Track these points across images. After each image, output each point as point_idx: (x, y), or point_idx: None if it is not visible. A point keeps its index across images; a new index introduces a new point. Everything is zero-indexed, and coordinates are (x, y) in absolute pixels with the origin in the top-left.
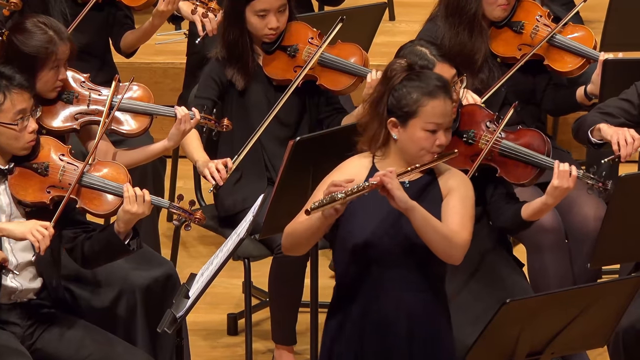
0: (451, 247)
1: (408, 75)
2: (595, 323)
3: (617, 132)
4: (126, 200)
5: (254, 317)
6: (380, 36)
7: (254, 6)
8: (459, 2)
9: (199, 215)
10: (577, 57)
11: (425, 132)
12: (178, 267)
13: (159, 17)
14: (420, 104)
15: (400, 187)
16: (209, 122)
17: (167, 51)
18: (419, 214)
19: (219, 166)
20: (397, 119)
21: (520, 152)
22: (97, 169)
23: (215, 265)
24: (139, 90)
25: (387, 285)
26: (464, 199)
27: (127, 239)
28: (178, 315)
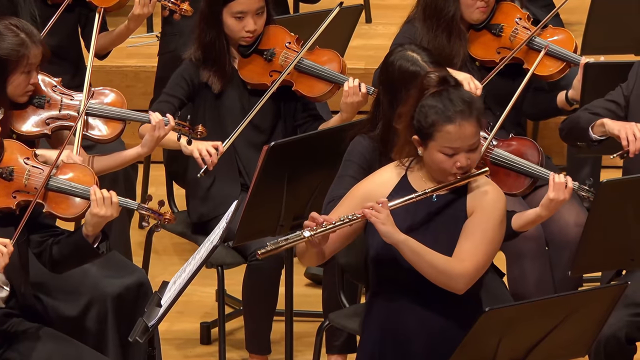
0: (448, 280)
1: (434, 92)
2: (577, 332)
3: (624, 126)
4: (93, 203)
5: (228, 326)
6: (356, 39)
7: (232, 8)
8: (436, 5)
9: (168, 216)
10: (558, 61)
11: (444, 155)
12: (150, 275)
13: (134, 21)
14: (435, 128)
15: (388, 220)
16: (183, 128)
17: (139, 54)
18: (407, 247)
19: (210, 149)
20: (419, 138)
21: (513, 162)
22: (63, 171)
23: (188, 273)
24: (112, 95)
25: (407, 301)
26: (485, 223)
27: (97, 242)
28: (150, 324)
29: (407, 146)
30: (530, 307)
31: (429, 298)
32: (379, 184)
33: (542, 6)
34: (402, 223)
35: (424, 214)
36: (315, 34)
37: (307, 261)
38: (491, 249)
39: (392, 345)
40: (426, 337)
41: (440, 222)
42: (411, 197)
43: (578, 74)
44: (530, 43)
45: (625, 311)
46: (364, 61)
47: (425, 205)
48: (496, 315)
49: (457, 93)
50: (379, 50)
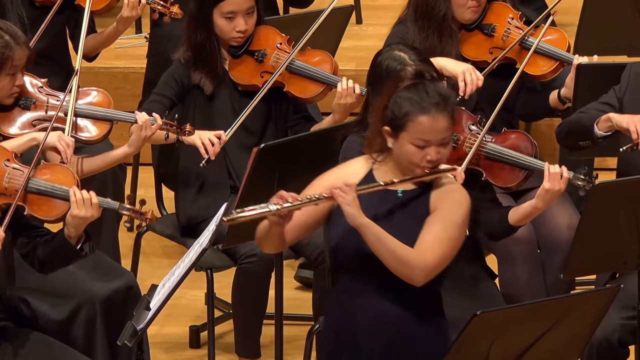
0: (408, 270)
1: (411, 84)
2: (569, 335)
3: (632, 119)
4: (73, 204)
5: (217, 329)
6: (347, 40)
7: (222, 8)
8: (427, 5)
9: (149, 215)
10: (551, 61)
11: (414, 147)
12: (139, 278)
13: (123, 23)
14: (408, 118)
15: (354, 203)
16: (170, 127)
17: (128, 55)
18: (370, 232)
19: (213, 139)
20: (390, 129)
21: (507, 155)
22: (43, 173)
23: (177, 276)
24: (99, 95)
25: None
26: (446, 221)
27: (80, 243)
28: (139, 327)
29: (378, 138)
30: (522, 311)
31: (387, 293)
32: (346, 175)
33: (535, 9)
34: (366, 213)
35: (388, 207)
36: (307, 35)
37: (266, 245)
38: (452, 247)
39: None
40: (381, 331)
41: (403, 216)
42: (379, 184)
43: (571, 72)
44: (522, 43)
45: (618, 314)
46: (354, 62)
47: (390, 199)
48: (487, 319)
49: (434, 86)
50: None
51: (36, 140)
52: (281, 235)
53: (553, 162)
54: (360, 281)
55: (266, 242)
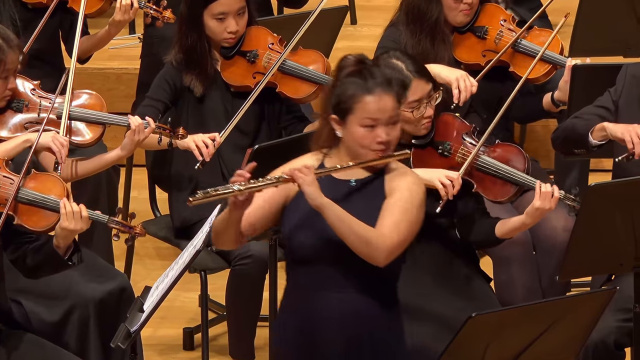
0: (370, 250)
1: (353, 70)
2: (565, 337)
3: (627, 129)
4: (63, 217)
5: (211, 331)
6: (341, 41)
7: (212, 9)
8: (419, 9)
9: (138, 230)
10: (544, 64)
11: (364, 129)
12: (132, 280)
13: (115, 27)
14: (354, 100)
15: (314, 183)
16: (164, 131)
17: (121, 56)
18: (331, 212)
19: (207, 140)
20: (337, 116)
21: (499, 169)
22: (34, 182)
23: (170, 277)
24: (91, 98)
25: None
26: (405, 202)
27: (68, 253)
28: (132, 329)
29: (325, 130)
30: (517, 313)
31: (342, 281)
32: None
33: (530, 9)
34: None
35: (344, 197)
36: (298, 34)
37: (223, 238)
38: (412, 228)
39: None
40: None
41: (359, 204)
42: (335, 167)
43: (564, 75)
44: (515, 45)
45: (614, 316)
46: None
47: (344, 189)
48: (483, 321)
49: (378, 69)
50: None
51: (30, 142)
52: (238, 225)
53: (548, 164)
54: (316, 273)
55: (223, 235)
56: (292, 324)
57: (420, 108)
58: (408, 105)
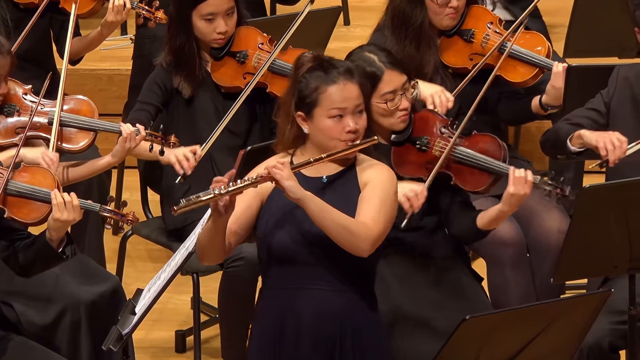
0: (354, 239)
1: (312, 66)
2: (559, 340)
3: (602, 136)
4: (55, 207)
5: (203, 334)
6: (334, 41)
7: (201, 10)
8: (404, 14)
9: (131, 217)
10: (530, 67)
11: (332, 120)
12: (124, 282)
13: (107, 28)
14: (319, 91)
15: (291, 177)
16: (155, 138)
17: (113, 57)
18: (313, 204)
19: (187, 154)
20: (302, 112)
21: (476, 159)
22: (24, 175)
23: (162, 280)
24: (82, 104)
25: (300, 287)
26: (381, 192)
27: (61, 246)
28: (124, 332)
29: (290, 131)
30: (511, 315)
31: (321, 279)
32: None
33: (523, 8)
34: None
35: (317, 194)
36: (286, 34)
37: (210, 253)
38: (390, 217)
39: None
40: (319, 318)
41: (334, 198)
42: (309, 160)
43: (552, 80)
44: (502, 49)
45: (608, 319)
46: None
47: (316, 186)
48: (476, 324)
49: (338, 63)
50: None
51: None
52: (223, 234)
53: (543, 166)
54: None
55: (210, 247)
56: (270, 324)
57: (395, 100)
58: (382, 97)
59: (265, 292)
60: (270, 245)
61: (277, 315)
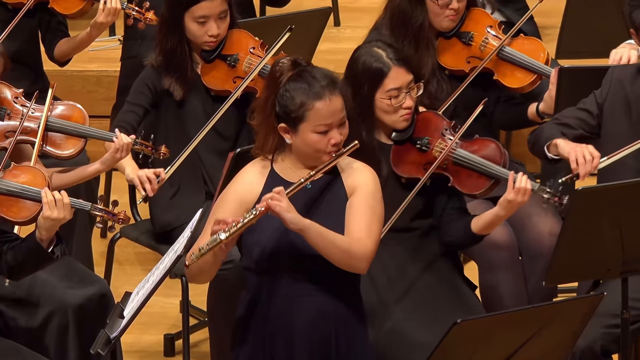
0: (353, 260)
1: (292, 75)
2: (551, 344)
3: (574, 149)
4: (45, 206)
5: (192, 337)
6: (324, 42)
7: (194, 12)
8: (404, 14)
9: (122, 216)
10: (529, 73)
11: (318, 134)
12: (112, 286)
13: (97, 29)
14: (305, 108)
15: (290, 208)
16: (145, 148)
17: (101, 59)
18: (313, 232)
19: (150, 176)
20: (286, 125)
21: (474, 162)
22: (14, 174)
23: (151, 283)
24: (74, 110)
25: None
26: (371, 199)
27: (51, 246)
28: (112, 335)
29: (271, 138)
30: (503, 319)
31: (306, 285)
32: (248, 184)
33: (516, 9)
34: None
35: (303, 203)
36: (278, 41)
37: (205, 277)
38: (381, 225)
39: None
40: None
41: (322, 207)
42: (300, 181)
43: (549, 88)
44: (500, 53)
45: (600, 322)
46: (332, 65)
47: (301, 194)
48: (468, 327)
49: (316, 70)
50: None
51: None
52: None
53: (535, 168)
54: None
55: (207, 274)
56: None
57: (399, 97)
58: (386, 92)
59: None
60: (256, 254)
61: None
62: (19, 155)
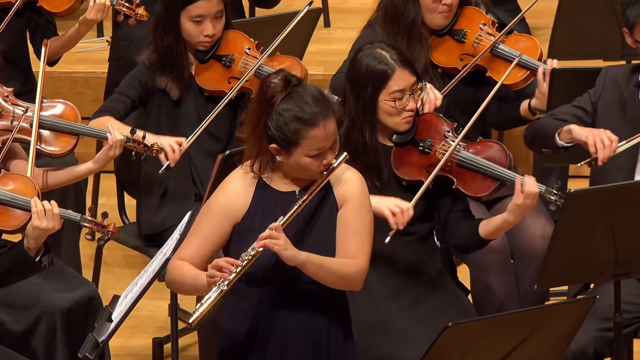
0: (349, 282)
1: (285, 97)
2: (543, 348)
3: (592, 133)
4: (34, 215)
5: (181, 341)
6: (314, 44)
7: (190, 11)
8: (397, 9)
9: (111, 228)
10: (522, 70)
11: (310, 157)
12: (100, 289)
13: (86, 26)
14: (300, 135)
15: (288, 244)
16: (138, 145)
17: (89, 60)
18: (311, 264)
19: (174, 145)
20: (279, 147)
21: (479, 164)
22: (4, 182)
23: (139, 286)
24: (66, 108)
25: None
26: (361, 210)
27: (39, 255)
28: (100, 339)
29: (261, 155)
30: (494, 322)
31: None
32: (236, 196)
33: (507, 10)
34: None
35: (297, 222)
36: (276, 41)
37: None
38: (372, 234)
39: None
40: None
41: (317, 224)
42: (294, 209)
43: (538, 85)
44: (493, 50)
45: (593, 326)
46: (322, 67)
47: (290, 201)
48: (459, 331)
49: (307, 91)
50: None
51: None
52: None
53: (527, 169)
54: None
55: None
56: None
57: (403, 99)
58: (390, 95)
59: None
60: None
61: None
62: (9, 153)
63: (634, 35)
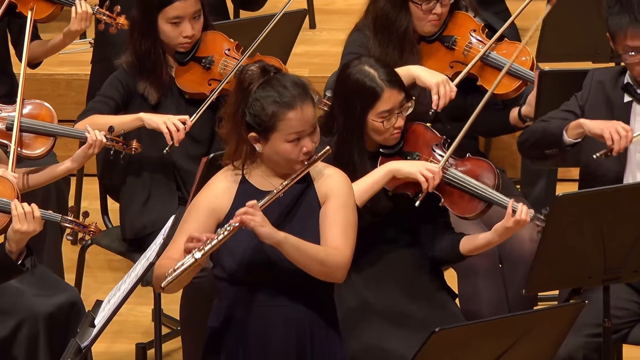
0: (329, 270)
1: (262, 83)
2: (532, 353)
3: (606, 125)
4: (15, 219)
5: (165, 347)
6: (300, 45)
7: (167, 13)
8: (388, 18)
9: (93, 228)
10: (514, 79)
11: (289, 143)
12: (83, 294)
13: (70, 37)
14: (277, 118)
15: (265, 222)
16: (116, 144)
17: (72, 62)
18: (289, 245)
19: (178, 124)
20: (257, 134)
21: (469, 184)
22: None
23: (122, 291)
24: (42, 109)
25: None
26: (345, 207)
27: (21, 258)
28: (83, 345)
29: (242, 147)
30: (482, 327)
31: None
32: (219, 194)
33: (495, 12)
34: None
35: (276, 212)
36: (255, 43)
37: (176, 289)
38: (355, 229)
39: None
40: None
41: (296, 216)
42: (273, 193)
43: (533, 90)
44: (484, 59)
45: (582, 331)
46: (308, 68)
47: (274, 203)
48: (446, 336)
49: (286, 78)
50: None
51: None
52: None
53: (515, 173)
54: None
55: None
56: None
57: (391, 119)
58: (379, 115)
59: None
60: (231, 265)
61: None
62: None
63: (614, 44)
